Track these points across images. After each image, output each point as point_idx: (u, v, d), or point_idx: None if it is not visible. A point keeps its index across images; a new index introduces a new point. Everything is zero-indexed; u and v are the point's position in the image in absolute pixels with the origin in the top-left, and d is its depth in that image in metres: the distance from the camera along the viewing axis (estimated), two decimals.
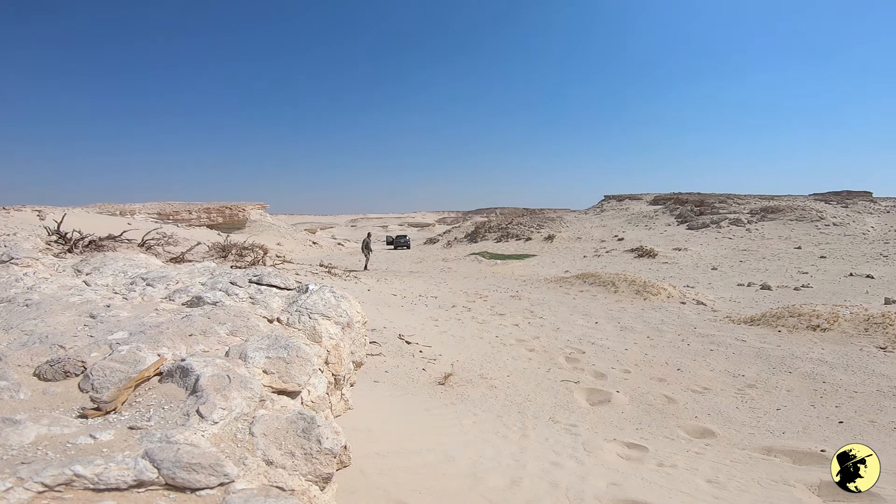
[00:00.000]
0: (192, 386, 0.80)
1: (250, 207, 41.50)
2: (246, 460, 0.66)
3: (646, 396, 3.14)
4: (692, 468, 1.98)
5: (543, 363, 3.86)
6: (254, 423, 0.74)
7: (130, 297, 1.32)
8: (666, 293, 7.17)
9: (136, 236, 5.67)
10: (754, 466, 2.09)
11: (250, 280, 1.41)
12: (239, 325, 1.08)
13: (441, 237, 30.94)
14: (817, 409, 2.91)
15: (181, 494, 0.58)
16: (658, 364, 3.83)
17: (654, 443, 2.40)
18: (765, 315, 5.27)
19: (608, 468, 1.83)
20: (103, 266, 1.66)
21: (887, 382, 3.24)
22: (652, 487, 1.65)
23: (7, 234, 4.94)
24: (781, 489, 1.81)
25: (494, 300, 7.19)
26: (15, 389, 0.79)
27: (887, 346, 4.05)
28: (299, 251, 26.40)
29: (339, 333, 1.19)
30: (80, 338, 0.99)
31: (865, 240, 14.76)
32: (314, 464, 0.72)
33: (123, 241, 4.77)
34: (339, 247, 35.86)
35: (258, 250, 8.28)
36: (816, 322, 4.77)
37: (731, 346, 4.33)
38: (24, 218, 11.32)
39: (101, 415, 0.73)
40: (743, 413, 2.87)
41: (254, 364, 0.92)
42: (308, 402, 0.96)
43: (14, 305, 1.24)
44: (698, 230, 18.76)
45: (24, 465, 0.56)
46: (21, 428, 0.65)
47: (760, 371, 3.62)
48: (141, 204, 37.91)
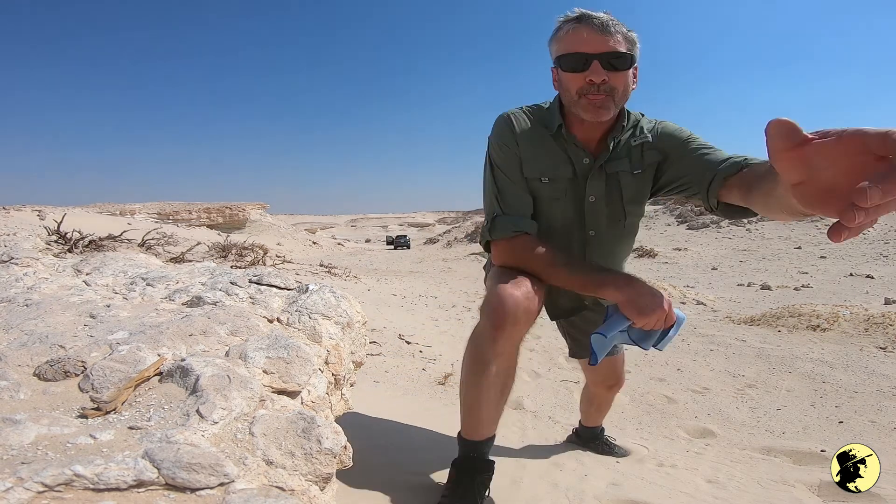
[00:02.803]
0: (192, 386, 0.80)
1: (250, 207, 41.55)
2: (246, 460, 0.66)
3: (646, 396, 3.14)
4: (692, 468, 1.98)
5: (544, 363, 3.85)
6: (254, 423, 0.74)
7: (130, 297, 1.32)
8: (666, 293, 7.17)
9: (136, 236, 5.67)
10: (754, 466, 2.09)
11: (250, 280, 1.41)
12: (239, 324, 1.08)
13: (441, 237, 30.95)
14: (817, 409, 2.91)
15: (181, 494, 0.58)
16: (658, 364, 3.83)
17: (654, 443, 2.40)
18: (765, 315, 5.27)
19: (608, 468, 1.83)
20: (103, 266, 1.67)
21: (887, 382, 3.24)
22: (652, 487, 1.65)
23: (7, 233, 4.94)
24: (781, 489, 1.81)
25: None
26: (15, 389, 0.79)
27: (887, 346, 4.05)
28: (299, 251, 26.42)
29: (339, 333, 1.19)
30: (80, 338, 0.99)
31: (865, 240, 14.76)
32: (314, 464, 0.72)
33: (123, 241, 4.77)
34: (338, 247, 35.89)
35: (258, 250, 8.29)
36: (816, 322, 4.77)
37: (731, 345, 4.33)
38: (24, 218, 11.34)
39: (100, 415, 0.73)
40: (743, 413, 2.87)
41: (254, 364, 0.92)
42: (308, 402, 0.96)
43: (14, 305, 1.24)
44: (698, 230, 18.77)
45: (24, 465, 0.56)
46: (21, 428, 0.65)
47: (760, 371, 3.62)
48: (141, 204, 37.99)
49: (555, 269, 1.23)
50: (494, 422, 1.28)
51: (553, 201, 1.34)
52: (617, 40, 1.18)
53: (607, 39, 1.16)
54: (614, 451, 2.04)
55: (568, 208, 1.35)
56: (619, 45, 1.18)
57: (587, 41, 1.17)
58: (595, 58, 1.16)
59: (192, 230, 24.52)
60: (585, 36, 1.17)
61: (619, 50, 1.17)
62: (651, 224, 20.50)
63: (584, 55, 1.17)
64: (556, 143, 1.32)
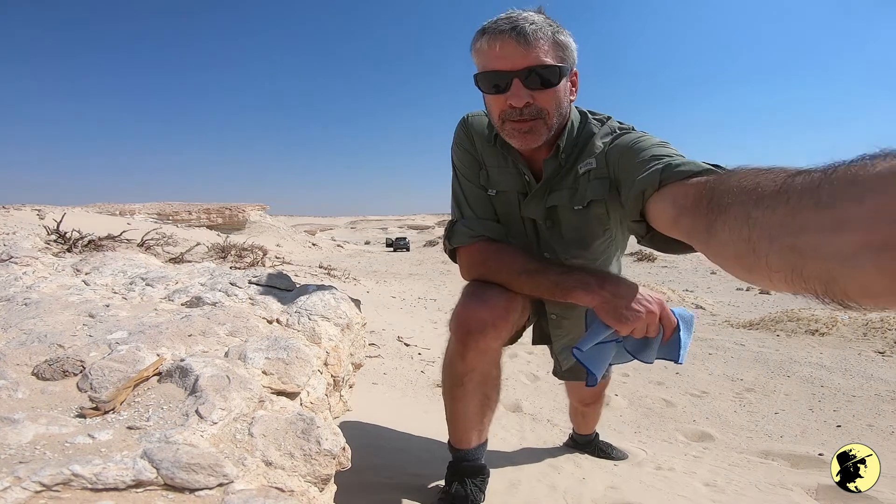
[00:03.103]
0: (191, 386, 0.80)
1: (250, 208, 41.56)
2: (245, 461, 0.66)
3: (644, 400, 3.14)
4: (690, 472, 1.98)
5: (542, 365, 3.85)
6: (253, 424, 0.74)
7: (130, 297, 1.32)
8: (664, 298, 7.19)
9: (136, 236, 5.67)
10: (752, 470, 2.09)
11: (250, 281, 1.41)
12: (238, 325, 1.08)
13: (441, 240, 30.91)
14: (815, 413, 2.91)
15: (180, 495, 0.58)
16: (656, 367, 3.83)
17: (653, 446, 2.40)
18: (763, 319, 5.27)
19: (606, 471, 1.83)
20: (103, 266, 1.66)
21: (885, 387, 3.24)
22: (650, 491, 1.65)
23: (6, 232, 4.93)
24: (779, 493, 1.81)
25: None
26: (13, 388, 0.79)
27: (885, 350, 4.06)
28: (299, 252, 26.41)
29: (338, 335, 1.19)
30: (78, 337, 0.99)
31: None
32: (313, 465, 0.72)
33: (123, 241, 4.76)
34: (338, 248, 35.89)
35: (258, 251, 8.28)
36: (815, 326, 4.78)
37: (730, 349, 4.33)
38: (24, 217, 11.32)
39: (99, 414, 0.73)
40: (741, 417, 2.87)
41: (253, 365, 0.92)
42: (307, 403, 0.96)
43: (13, 304, 1.23)
44: None
45: (22, 465, 0.56)
46: (19, 427, 0.65)
47: (759, 375, 3.62)
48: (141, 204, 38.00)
49: (517, 277, 1.06)
50: (479, 431, 1.24)
51: (506, 215, 1.20)
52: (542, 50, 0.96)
53: (529, 52, 0.94)
54: (611, 455, 2.04)
55: (521, 226, 1.21)
56: (544, 55, 0.96)
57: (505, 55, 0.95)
58: (515, 76, 0.96)
59: (192, 231, 24.50)
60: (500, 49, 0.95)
61: (546, 62, 0.96)
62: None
63: (501, 73, 0.96)
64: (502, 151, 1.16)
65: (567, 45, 1.01)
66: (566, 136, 1.09)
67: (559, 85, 1.00)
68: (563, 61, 1.00)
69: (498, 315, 1.06)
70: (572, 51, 1.02)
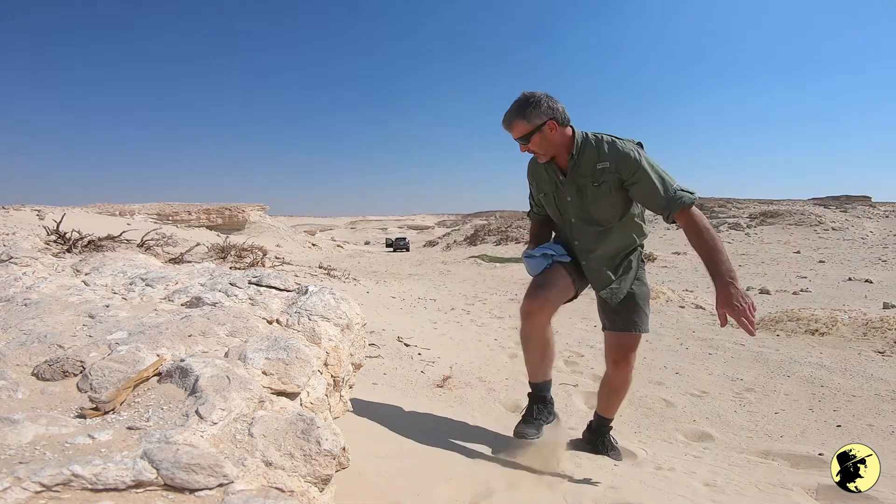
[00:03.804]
0: (191, 386, 0.80)
1: (250, 209, 41.50)
2: (245, 461, 0.66)
3: (644, 400, 3.14)
4: (690, 472, 1.98)
5: None
6: (253, 424, 0.74)
7: (129, 298, 1.32)
8: (665, 297, 7.18)
9: (136, 237, 5.67)
10: (752, 470, 2.09)
11: (250, 281, 1.41)
12: (238, 325, 1.08)
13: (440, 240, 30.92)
14: (815, 413, 2.91)
15: (180, 495, 0.58)
16: (656, 367, 3.83)
17: (653, 446, 2.40)
18: (763, 319, 5.27)
19: (606, 471, 1.83)
20: (102, 266, 1.66)
21: (885, 386, 3.24)
22: (650, 490, 1.64)
23: (6, 233, 4.93)
24: (779, 493, 1.81)
25: (493, 303, 7.19)
26: (13, 389, 0.79)
27: (885, 350, 4.06)
28: (298, 253, 26.40)
29: (338, 335, 1.19)
30: (78, 337, 0.99)
31: (864, 244, 14.79)
32: (313, 465, 0.72)
33: (123, 241, 4.76)
34: (338, 249, 35.86)
35: (257, 252, 8.28)
36: (815, 326, 4.78)
37: (730, 349, 4.33)
38: (24, 217, 11.32)
39: (99, 415, 0.73)
40: (741, 417, 2.87)
41: (253, 365, 0.92)
42: (307, 403, 0.96)
43: (13, 305, 1.23)
44: None
45: (22, 465, 0.56)
46: (19, 427, 0.65)
47: (759, 375, 3.62)
48: (140, 204, 37.94)
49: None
50: (544, 372, 1.87)
51: (548, 204, 1.99)
52: (518, 129, 1.75)
53: (513, 131, 1.77)
54: (609, 453, 2.04)
55: (555, 207, 1.96)
56: (519, 131, 1.75)
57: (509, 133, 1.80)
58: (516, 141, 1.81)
59: (192, 231, 24.49)
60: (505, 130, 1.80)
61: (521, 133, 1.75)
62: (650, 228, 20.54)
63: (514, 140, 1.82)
64: (546, 168, 1.92)
65: (532, 115, 1.71)
66: (575, 147, 1.81)
67: (534, 137, 1.75)
68: (533, 126, 1.73)
69: (543, 303, 1.79)
70: (541, 113, 1.71)
